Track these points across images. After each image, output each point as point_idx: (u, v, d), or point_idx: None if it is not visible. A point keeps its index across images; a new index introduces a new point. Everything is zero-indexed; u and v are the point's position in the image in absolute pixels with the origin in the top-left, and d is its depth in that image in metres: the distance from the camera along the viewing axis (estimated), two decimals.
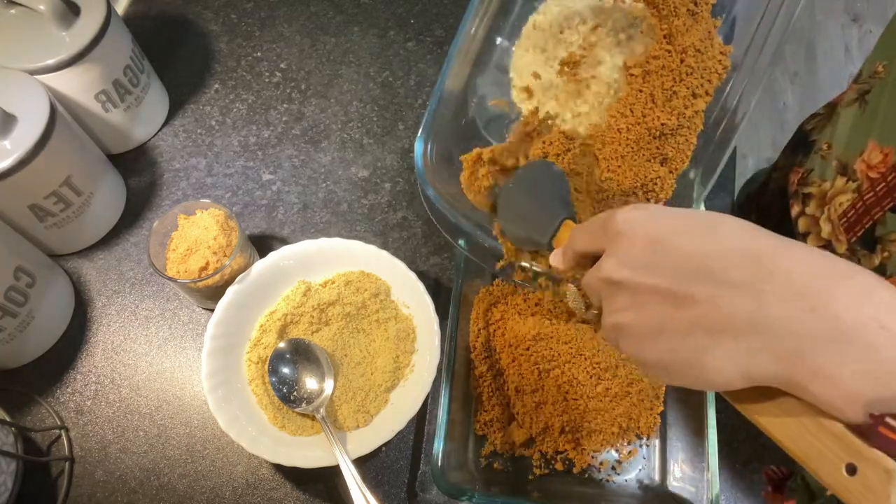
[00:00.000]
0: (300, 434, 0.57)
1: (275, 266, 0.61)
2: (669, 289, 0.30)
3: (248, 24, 0.84)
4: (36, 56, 0.61)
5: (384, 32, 0.83)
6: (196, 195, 0.72)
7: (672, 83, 0.53)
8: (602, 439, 0.58)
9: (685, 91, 0.53)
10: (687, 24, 0.53)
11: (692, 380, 0.29)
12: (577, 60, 0.60)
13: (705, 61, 0.53)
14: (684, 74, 0.52)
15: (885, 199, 0.51)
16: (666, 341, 0.30)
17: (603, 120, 0.70)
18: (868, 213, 0.53)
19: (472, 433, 0.59)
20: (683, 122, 0.53)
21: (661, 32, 0.53)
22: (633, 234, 0.32)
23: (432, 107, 0.56)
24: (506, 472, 0.58)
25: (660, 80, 0.53)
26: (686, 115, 0.53)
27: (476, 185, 0.54)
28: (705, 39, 0.53)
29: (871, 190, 0.52)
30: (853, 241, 0.55)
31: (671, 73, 0.53)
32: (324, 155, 0.75)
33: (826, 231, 0.59)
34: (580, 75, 0.72)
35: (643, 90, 0.53)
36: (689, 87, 0.53)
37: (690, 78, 0.53)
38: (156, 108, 0.76)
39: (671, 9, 0.53)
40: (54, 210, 0.62)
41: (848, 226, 0.55)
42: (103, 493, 0.58)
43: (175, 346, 0.65)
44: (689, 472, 0.54)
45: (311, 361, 0.58)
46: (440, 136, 0.56)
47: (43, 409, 0.61)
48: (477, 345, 0.61)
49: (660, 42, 0.53)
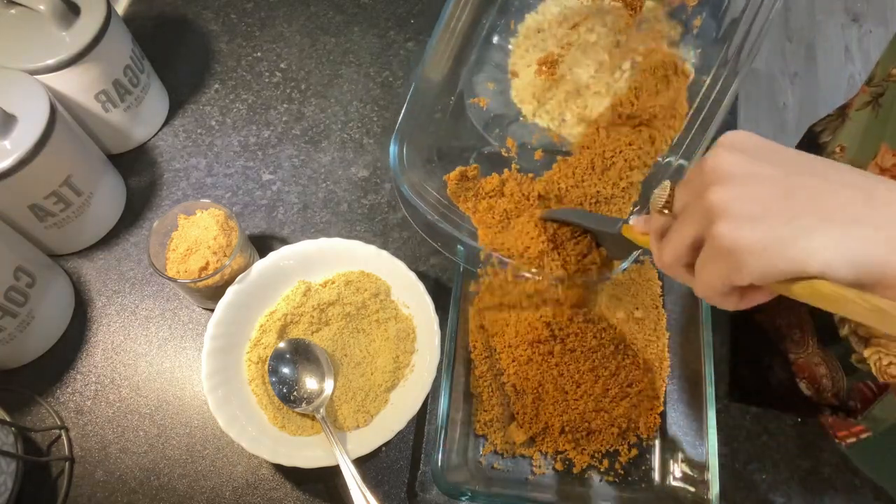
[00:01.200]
0: (300, 434, 0.57)
1: (275, 266, 0.61)
2: (781, 177, 0.31)
3: (248, 24, 0.84)
4: (36, 56, 0.61)
5: (384, 32, 0.83)
6: (196, 195, 0.72)
7: (612, 154, 0.56)
8: (602, 439, 0.58)
9: (622, 163, 0.56)
10: (659, 87, 0.56)
11: (786, 262, 0.30)
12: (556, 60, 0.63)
13: (657, 128, 0.56)
14: (624, 145, 0.56)
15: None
16: (769, 222, 0.30)
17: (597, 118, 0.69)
18: None
19: (472, 433, 0.59)
20: (617, 193, 0.56)
21: (634, 84, 0.56)
22: (745, 139, 0.33)
23: (407, 106, 0.58)
24: (506, 472, 0.58)
25: (608, 144, 0.56)
26: (620, 186, 0.56)
27: (463, 197, 0.58)
28: (668, 108, 0.56)
29: None
30: None
31: (616, 141, 0.56)
32: (324, 155, 0.75)
33: None
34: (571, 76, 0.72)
35: (586, 153, 0.57)
36: (626, 160, 0.56)
37: (629, 149, 0.56)
38: (156, 108, 0.76)
39: (651, 68, 0.57)
40: (54, 210, 0.62)
41: None
42: (103, 493, 0.58)
43: (175, 346, 0.65)
44: (689, 472, 0.54)
45: (311, 361, 0.58)
46: (417, 135, 0.59)
47: (43, 409, 0.61)
48: (477, 345, 0.61)
49: (629, 93, 0.57)
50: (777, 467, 0.58)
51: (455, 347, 0.56)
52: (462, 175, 0.58)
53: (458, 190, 0.58)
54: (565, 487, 0.57)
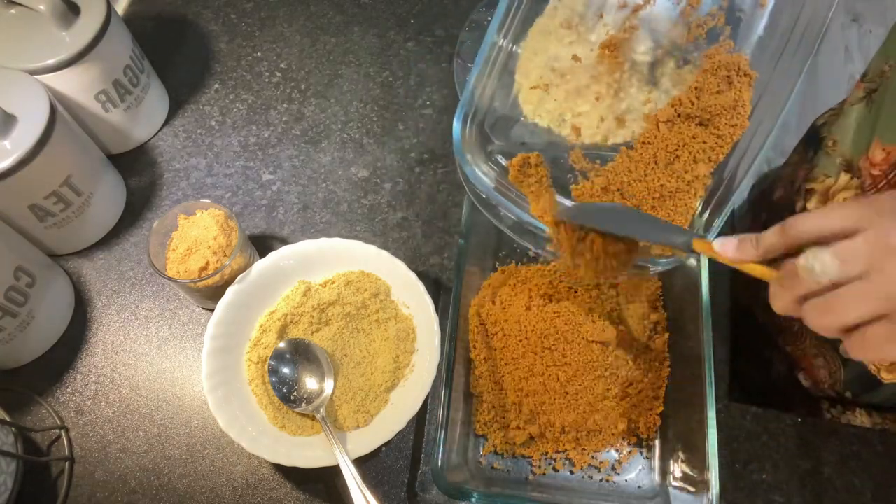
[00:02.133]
0: (300, 434, 0.57)
1: (275, 266, 0.61)
2: None
3: (248, 24, 0.84)
4: (36, 56, 0.61)
5: (384, 32, 0.83)
6: (196, 195, 0.72)
7: (676, 147, 0.54)
8: (602, 439, 0.58)
9: (687, 155, 0.54)
10: (721, 87, 0.54)
11: None
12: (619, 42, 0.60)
13: (720, 127, 0.54)
14: (688, 139, 0.54)
15: None
16: None
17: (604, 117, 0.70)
18: None
19: (472, 433, 0.59)
20: (682, 186, 0.54)
21: (694, 84, 0.54)
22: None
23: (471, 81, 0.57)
24: (506, 472, 0.58)
25: (670, 138, 0.54)
26: (685, 180, 0.54)
27: (525, 183, 0.56)
28: (729, 108, 0.53)
29: (874, 187, 0.52)
30: None
31: (679, 134, 0.54)
32: (324, 155, 0.75)
33: None
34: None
35: (648, 148, 0.55)
36: (690, 152, 0.54)
37: (694, 142, 0.54)
38: (156, 108, 0.76)
39: (712, 68, 0.54)
40: (54, 210, 0.62)
41: None
42: (103, 493, 0.58)
43: (175, 346, 0.65)
44: (689, 472, 0.54)
45: (311, 361, 0.58)
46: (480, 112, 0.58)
47: (43, 409, 0.61)
48: (477, 345, 0.61)
49: (689, 92, 0.54)
50: (777, 467, 0.58)
51: (455, 347, 0.56)
52: (524, 162, 0.56)
53: (519, 176, 0.56)
54: (565, 487, 0.57)
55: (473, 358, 0.61)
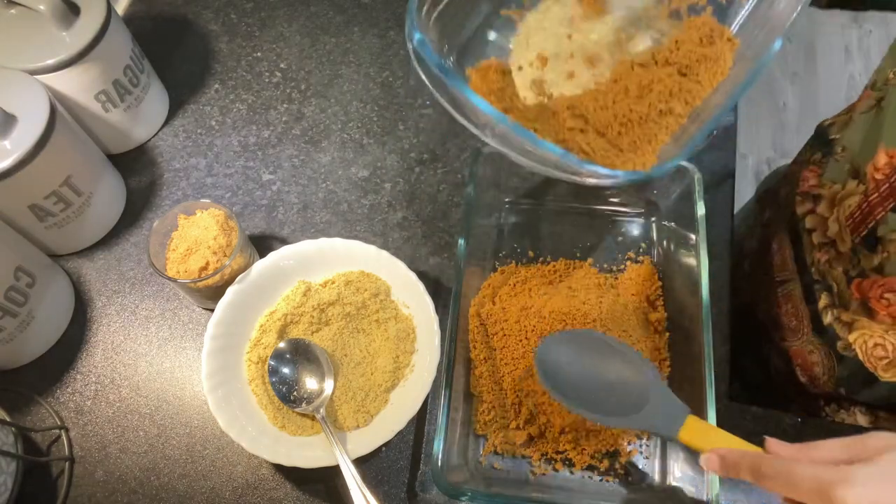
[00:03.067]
0: (300, 434, 0.57)
1: (275, 266, 0.61)
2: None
3: (248, 24, 0.84)
4: (36, 56, 0.61)
5: (384, 32, 0.83)
6: (196, 195, 0.72)
7: (650, 81, 0.51)
8: (602, 439, 0.58)
9: (661, 88, 0.51)
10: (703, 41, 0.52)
11: None
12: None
13: (699, 74, 0.52)
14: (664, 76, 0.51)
15: (887, 200, 0.51)
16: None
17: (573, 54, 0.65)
18: (872, 213, 0.53)
19: (472, 433, 0.59)
20: (653, 116, 0.51)
21: (676, 37, 0.53)
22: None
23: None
24: (506, 473, 0.58)
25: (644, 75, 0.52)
26: (657, 110, 0.51)
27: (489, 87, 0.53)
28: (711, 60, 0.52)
29: (877, 191, 0.53)
30: (857, 241, 0.56)
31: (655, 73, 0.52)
32: (324, 155, 0.75)
33: (833, 230, 0.59)
34: None
35: (619, 83, 0.52)
36: (666, 86, 0.51)
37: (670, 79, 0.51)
38: (156, 108, 0.76)
39: (695, 26, 0.53)
40: (54, 210, 0.62)
41: (853, 226, 0.56)
42: (103, 493, 0.58)
43: (175, 346, 0.65)
44: (689, 472, 0.54)
45: (311, 361, 0.58)
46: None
47: (43, 409, 0.61)
48: (477, 345, 0.61)
49: (668, 43, 0.53)
50: None
51: (455, 347, 0.56)
52: (489, 68, 0.53)
53: (482, 86, 0.53)
54: (565, 487, 0.57)
55: (473, 358, 0.61)
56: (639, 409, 0.49)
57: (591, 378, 0.52)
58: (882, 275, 0.53)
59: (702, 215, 0.59)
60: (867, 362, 0.57)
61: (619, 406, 0.50)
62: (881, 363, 0.56)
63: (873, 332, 0.56)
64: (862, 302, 0.56)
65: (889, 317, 0.54)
